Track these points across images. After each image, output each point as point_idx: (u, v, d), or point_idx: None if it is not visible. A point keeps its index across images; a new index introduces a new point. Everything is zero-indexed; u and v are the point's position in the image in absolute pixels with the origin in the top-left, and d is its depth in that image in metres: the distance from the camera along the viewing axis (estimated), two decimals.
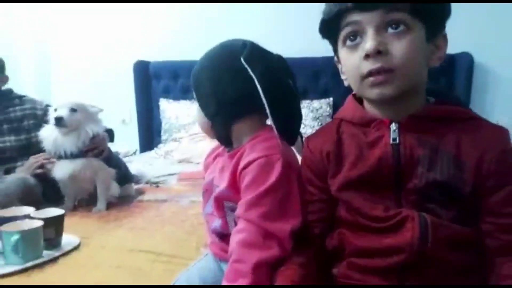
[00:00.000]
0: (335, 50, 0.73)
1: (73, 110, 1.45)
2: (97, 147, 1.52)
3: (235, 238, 0.71)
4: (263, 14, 2.61)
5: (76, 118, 1.46)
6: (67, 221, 1.20)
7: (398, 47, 0.62)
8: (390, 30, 0.62)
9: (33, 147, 1.63)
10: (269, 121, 0.78)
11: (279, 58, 0.85)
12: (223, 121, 0.82)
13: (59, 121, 1.42)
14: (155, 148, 2.63)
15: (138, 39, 2.83)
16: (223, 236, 0.81)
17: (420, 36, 0.64)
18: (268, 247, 0.69)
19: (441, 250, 0.64)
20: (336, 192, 0.71)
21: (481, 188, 0.64)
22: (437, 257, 0.64)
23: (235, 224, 0.76)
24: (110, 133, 1.67)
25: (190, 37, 2.69)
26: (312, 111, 2.43)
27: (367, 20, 0.62)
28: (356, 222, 0.69)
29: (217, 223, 0.82)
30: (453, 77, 2.38)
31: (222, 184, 0.80)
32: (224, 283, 0.69)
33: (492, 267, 0.64)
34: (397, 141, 0.66)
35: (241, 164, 0.76)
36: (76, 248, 1.14)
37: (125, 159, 2.36)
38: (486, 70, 2.40)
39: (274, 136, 0.77)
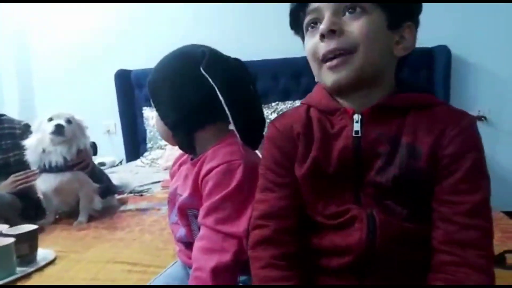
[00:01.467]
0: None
1: (69, 121, 1.46)
2: (84, 161, 1.52)
3: (196, 245, 0.72)
4: (243, 16, 2.62)
5: (71, 129, 1.47)
6: (47, 235, 1.20)
7: (354, 27, 0.61)
8: (347, 14, 0.62)
9: (10, 167, 1.61)
10: (231, 126, 0.78)
11: (238, 63, 0.84)
12: (185, 130, 0.81)
13: (59, 129, 1.43)
14: (141, 157, 2.63)
15: (119, 49, 2.82)
16: (189, 244, 0.81)
17: (379, 21, 0.63)
18: (227, 250, 0.69)
19: (391, 249, 0.63)
20: (301, 177, 0.68)
21: (435, 175, 0.62)
22: (389, 255, 0.63)
23: (199, 230, 0.76)
24: (93, 147, 1.67)
25: (170, 45, 2.68)
26: None
27: (325, 5, 0.63)
28: (312, 218, 0.68)
29: (181, 231, 0.82)
30: (431, 70, 2.40)
31: (185, 192, 0.80)
32: None
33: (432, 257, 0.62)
34: (359, 134, 0.65)
35: (203, 171, 0.76)
36: (51, 262, 1.13)
37: (111, 170, 2.36)
38: (464, 62, 2.42)
39: (236, 141, 0.77)
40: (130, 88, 2.79)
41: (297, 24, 0.71)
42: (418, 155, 0.62)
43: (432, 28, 2.35)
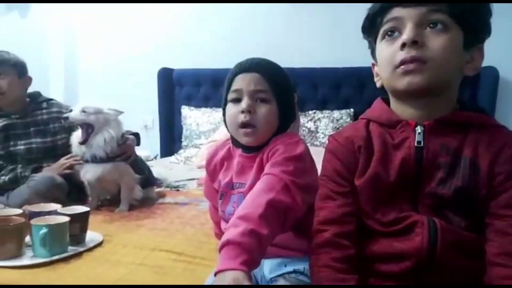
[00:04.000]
0: (373, 50, 0.76)
1: (83, 111, 1.49)
2: (126, 152, 1.57)
3: (251, 191, 0.76)
4: (285, 23, 2.65)
5: (88, 118, 1.48)
6: (91, 220, 1.23)
7: (435, 42, 0.65)
8: (428, 29, 0.65)
9: (58, 149, 1.68)
10: None
11: None
12: (288, 126, 0.92)
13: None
14: (175, 154, 2.67)
15: (163, 48, 2.90)
16: None
17: (458, 39, 0.66)
18: (285, 194, 0.73)
19: (450, 255, 0.64)
20: (360, 187, 0.71)
21: (492, 190, 0.64)
22: (448, 262, 0.64)
23: None
24: (137, 137, 1.71)
25: (212, 47, 2.75)
26: (332, 121, 2.43)
27: (408, 16, 0.66)
28: (368, 226, 0.70)
29: None
30: (477, 90, 2.35)
31: (247, 181, 0.85)
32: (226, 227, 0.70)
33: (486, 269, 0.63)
34: (422, 144, 0.68)
35: (267, 151, 0.84)
36: (99, 244, 1.16)
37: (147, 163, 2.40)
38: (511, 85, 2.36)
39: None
40: (171, 86, 2.86)
41: (372, 28, 0.74)
42: (478, 170, 0.65)
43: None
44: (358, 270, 0.69)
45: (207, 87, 2.73)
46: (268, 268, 0.83)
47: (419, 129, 0.68)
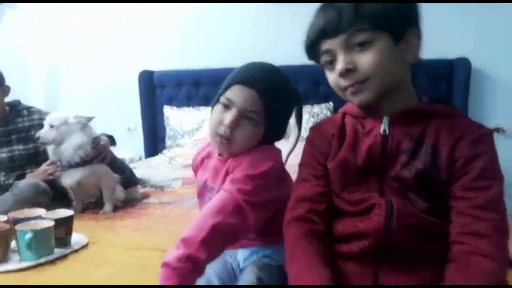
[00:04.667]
0: None
1: (51, 126, 1.52)
2: (101, 153, 1.59)
3: (205, 207, 0.79)
4: (264, 22, 2.68)
5: (54, 134, 1.51)
6: (76, 223, 1.26)
7: (365, 60, 0.70)
8: (357, 49, 0.70)
9: (40, 155, 1.71)
10: None
11: None
12: (273, 141, 0.92)
13: (37, 140, 1.53)
14: (159, 154, 2.69)
15: (142, 50, 2.91)
16: None
17: (385, 44, 0.70)
18: (234, 217, 0.76)
19: (407, 237, 0.69)
20: (331, 170, 0.78)
21: (453, 174, 0.69)
22: (405, 244, 0.69)
23: None
24: (111, 138, 1.73)
25: (192, 47, 2.78)
26: (313, 116, 2.48)
27: (336, 46, 0.71)
28: (337, 206, 0.77)
29: None
30: (451, 82, 2.43)
31: (216, 185, 0.88)
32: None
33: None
34: (387, 132, 0.74)
35: (233, 165, 0.85)
36: (84, 246, 1.19)
37: (131, 165, 2.42)
38: (484, 75, 2.45)
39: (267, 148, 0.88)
40: (152, 88, 2.87)
41: (314, 57, 0.79)
42: (438, 155, 0.71)
43: (453, 41, 2.40)
44: (328, 244, 0.75)
45: (188, 87, 2.76)
46: (242, 257, 0.88)
47: (385, 119, 0.75)
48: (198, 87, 2.71)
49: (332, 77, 0.75)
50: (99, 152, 1.59)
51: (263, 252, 0.88)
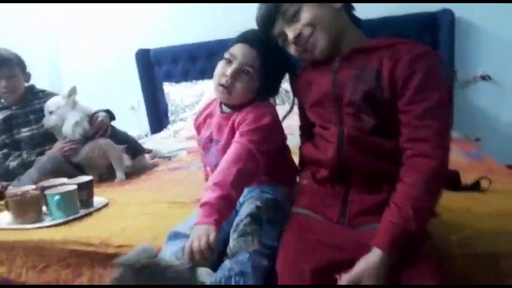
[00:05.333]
0: None
1: (50, 112, 1.72)
2: (101, 128, 1.75)
3: (222, 159, 0.94)
4: None
5: (55, 118, 1.72)
6: (96, 190, 1.42)
7: (303, 22, 0.88)
8: (294, 19, 0.89)
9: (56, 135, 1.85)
10: None
11: None
12: (267, 96, 1.06)
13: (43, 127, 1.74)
14: (164, 129, 2.84)
15: (138, 29, 3.00)
16: None
17: (310, 4, 0.88)
18: (250, 162, 0.92)
19: (361, 159, 0.84)
20: (307, 109, 0.96)
21: (396, 92, 0.81)
22: (361, 166, 0.85)
23: None
24: (109, 113, 1.86)
25: (186, 22, 2.86)
26: None
27: (280, 27, 0.93)
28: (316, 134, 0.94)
29: None
30: (436, 34, 2.49)
31: (222, 139, 1.03)
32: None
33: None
34: (336, 68, 0.89)
35: (238, 119, 0.99)
36: (105, 206, 1.37)
37: (140, 142, 2.58)
38: (468, 24, 2.50)
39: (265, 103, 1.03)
40: (150, 66, 2.99)
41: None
42: (381, 77, 0.83)
43: None
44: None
45: (185, 62, 2.87)
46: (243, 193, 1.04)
47: (336, 60, 0.90)
48: (194, 62, 2.83)
49: (292, 49, 0.91)
50: (100, 127, 1.75)
51: (261, 189, 1.03)
